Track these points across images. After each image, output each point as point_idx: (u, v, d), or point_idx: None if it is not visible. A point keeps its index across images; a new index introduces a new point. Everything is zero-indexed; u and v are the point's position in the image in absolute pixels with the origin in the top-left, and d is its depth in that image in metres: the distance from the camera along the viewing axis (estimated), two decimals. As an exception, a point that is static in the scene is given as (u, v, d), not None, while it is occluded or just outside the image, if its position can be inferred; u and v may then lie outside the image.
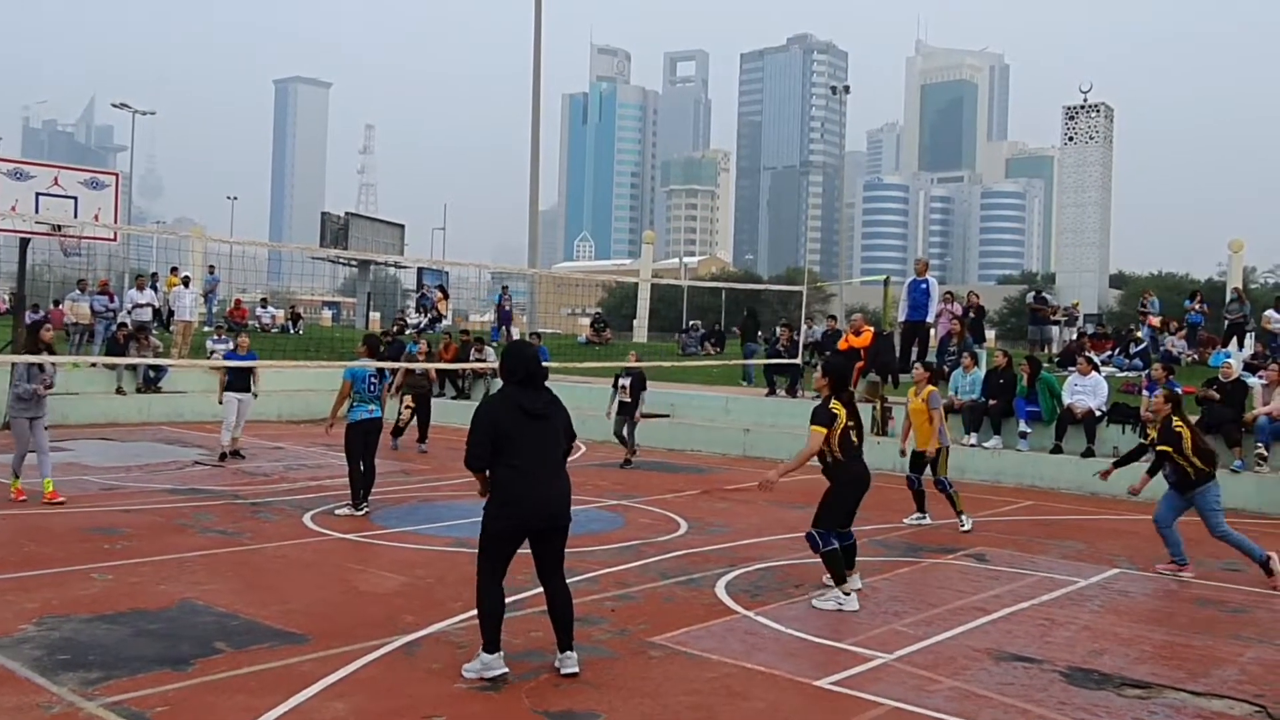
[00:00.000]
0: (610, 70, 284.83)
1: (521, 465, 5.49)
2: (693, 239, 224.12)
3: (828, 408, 7.47)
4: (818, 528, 7.41)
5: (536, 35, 30.23)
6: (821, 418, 7.41)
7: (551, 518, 5.59)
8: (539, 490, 5.52)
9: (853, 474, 7.52)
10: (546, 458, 5.60)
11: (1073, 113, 37.01)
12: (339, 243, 43.99)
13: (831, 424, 7.39)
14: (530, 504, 5.50)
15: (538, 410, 5.60)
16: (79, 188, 16.10)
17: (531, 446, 5.53)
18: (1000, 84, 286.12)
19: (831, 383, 7.59)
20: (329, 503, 11.04)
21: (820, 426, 7.38)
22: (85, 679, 5.32)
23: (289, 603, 7.01)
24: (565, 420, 5.79)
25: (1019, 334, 40.12)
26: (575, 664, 5.63)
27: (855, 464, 7.53)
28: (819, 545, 7.36)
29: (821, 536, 7.36)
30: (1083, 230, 36.80)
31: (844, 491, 7.50)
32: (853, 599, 7.33)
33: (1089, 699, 5.63)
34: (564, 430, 5.78)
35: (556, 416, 5.72)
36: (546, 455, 5.60)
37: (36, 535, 8.99)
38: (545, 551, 5.66)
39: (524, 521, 5.52)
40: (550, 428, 5.65)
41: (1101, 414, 14.19)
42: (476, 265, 27.58)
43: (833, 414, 7.42)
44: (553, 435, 5.67)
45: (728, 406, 18.73)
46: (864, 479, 7.59)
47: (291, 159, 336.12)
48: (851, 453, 7.49)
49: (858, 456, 7.56)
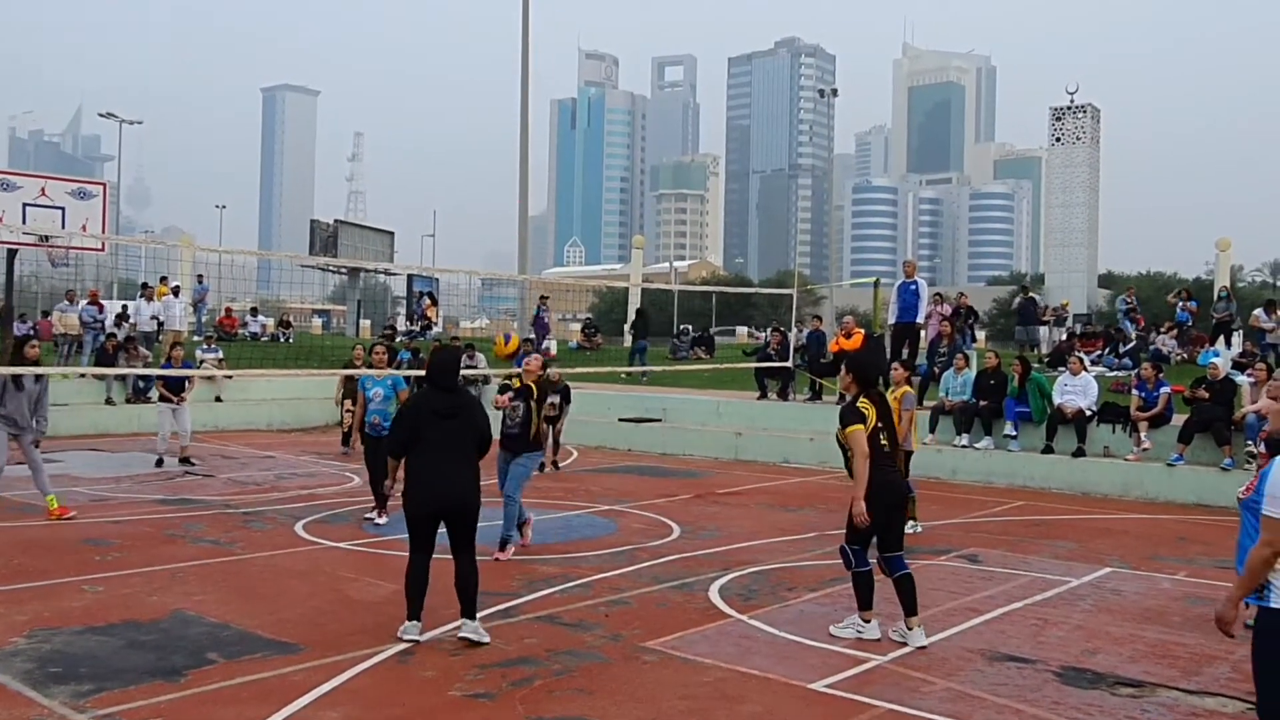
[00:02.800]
0: (598, 75, 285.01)
1: (429, 458, 6.30)
2: (683, 243, 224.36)
3: (856, 405, 6.68)
4: (850, 544, 6.67)
5: (524, 41, 30.22)
6: (853, 416, 6.61)
7: (450, 503, 6.32)
8: (443, 480, 6.29)
9: (877, 482, 6.54)
10: (452, 452, 6.34)
11: (1059, 114, 37.10)
12: (328, 250, 43.95)
13: (865, 422, 6.58)
14: (436, 491, 6.29)
15: (448, 411, 6.41)
16: (66, 198, 16.09)
17: (440, 442, 6.33)
18: (987, 86, 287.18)
19: (857, 378, 6.81)
20: (321, 511, 11.01)
21: (857, 424, 6.56)
22: (77, 691, 5.30)
23: (281, 612, 6.99)
24: (478, 419, 6.54)
25: (1009, 335, 40.29)
26: (473, 631, 6.25)
27: (881, 471, 6.59)
28: (850, 562, 6.68)
29: (855, 554, 6.63)
30: (1071, 231, 36.89)
31: (870, 503, 6.54)
32: (874, 626, 6.67)
33: (1082, 698, 5.65)
34: (474, 428, 6.48)
35: (467, 416, 6.48)
36: (452, 449, 6.35)
37: (27, 547, 8.95)
38: (454, 531, 6.38)
39: (431, 506, 6.32)
40: (459, 426, 6.41)
41: (1092, 414, 14.24)
42: (467, 272, 27.48)
43: (862, 412, 6.60)
44: (461, 432, 6.41)
45: (719, 410, 18.74)
46: (892, 488, 6.67)
47: (280, 167, 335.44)
48: (879, 457, 6.60)
49: (887, 463, 6.69)
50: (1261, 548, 3.77)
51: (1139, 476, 13.47)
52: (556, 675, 5.78)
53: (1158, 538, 10.73)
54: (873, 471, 6.51)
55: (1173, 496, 13.06)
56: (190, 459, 14.57)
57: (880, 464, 6.58)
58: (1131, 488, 13.44)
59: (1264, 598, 3.82)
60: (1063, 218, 37.10)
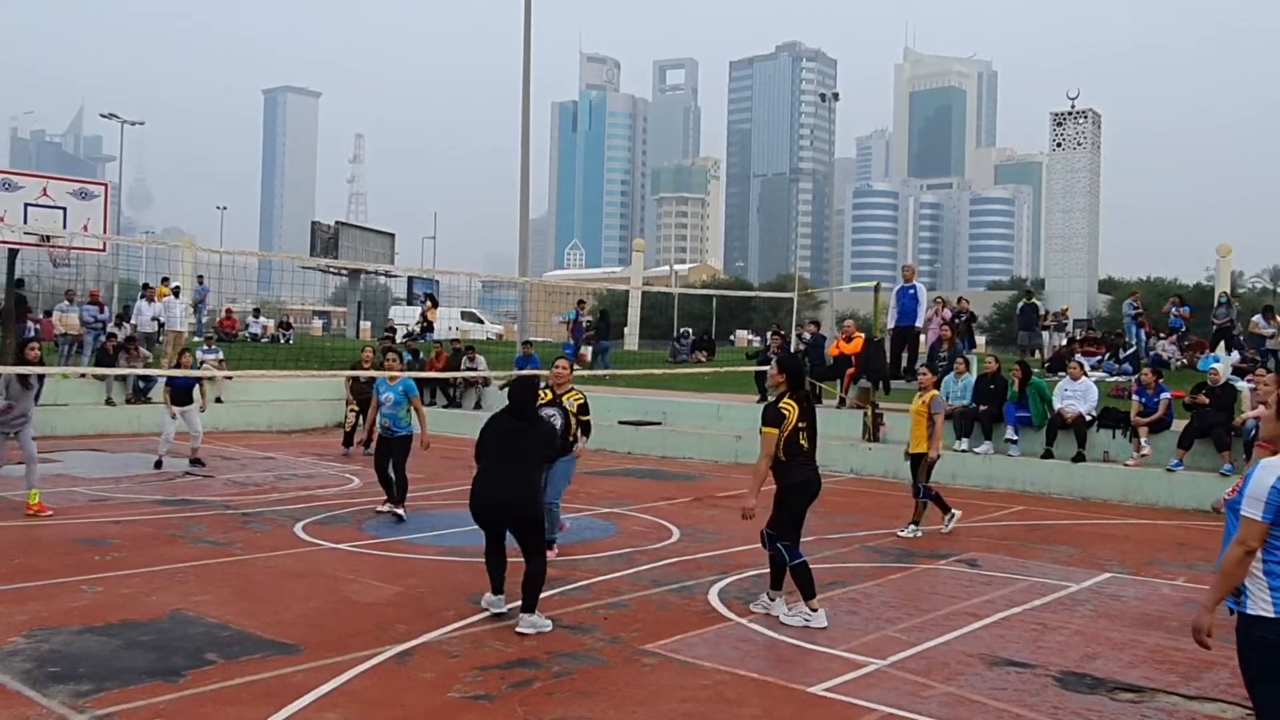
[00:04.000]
0: (600, 78, 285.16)
1: (489, 468, 6.95)
2: (683, 246, 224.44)
3: (778, 406, 7.07)
4: (778, 537, 7.05)
5: (526, 44, 30.22)
6: (771, 418, 7.01)
7: (500, 506, 6.84)
8: (494, 487, 6.85)
9: (795, 480, 7.05)
10: (510, 464, 6.90)
11: (1060, 119, 37.07)
12: (329, 252, 43.96)
13: (781, 424, 6.97)
14: (481, 497, 6.89)
15: (512, 432, 7.09)
16: (68, 198, 16.07)
17: (501, 455, 6.96)
18: (988, 91, 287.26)
19: (789, 379, 7.17)
20: (320, 513, 11.01)
21: (770, 427, 6.98)
22: (76, 691, 5.30)
23: (281, 613, 6.98)
24: (544, 434, 7.37)
25: (1009, 339, 40.20)
26: (528, 625, 6.62)
27: (800, 469, 7.05)
28: (785, 557, 7.03)
29: (788, 549, 7.02)
30: (1072, 236, 36.85)
31: (786, 498, 7.08)
32: (820, 615, 6.97)
33: (1082, 703, 5.64)
34: (538, 442, 7.18)
35: (533, 433, 7.16)
36: (511, 463, 6.91)
37: (27, 547, 8.95)
38: (517, 536, 6.88)
39: (479, 507, 6.92)
40: (521, 441, 7.03)
41: (1092, 419, 14.24)
42: (467, 274, 27.45)
43: (782, 413, 7.00)
44: (523, 447, 7.01)
45: (719, 414, 18.74)
46: (808, 485, 7.11)
47: (281, 168, 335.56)
48: (797, 456, 7.02)
49: (806, 461, 7.10)
50: (1235, 546, 3.75)
51: (1139, 482, 13.46)
52: (556, 677, 5.78)
53: (1157, 543, 10.73)
54: (794, 469, 7.07)
55: (1172, 502, 13.05)
56: (201, 460, 14.59)
57: (801, 462, 7.12)
58: (1131, 493, 13.44)
59: (1241, 603, 3.80)
60: (1063, 223, 37.07)
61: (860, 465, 15.69)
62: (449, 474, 13.87)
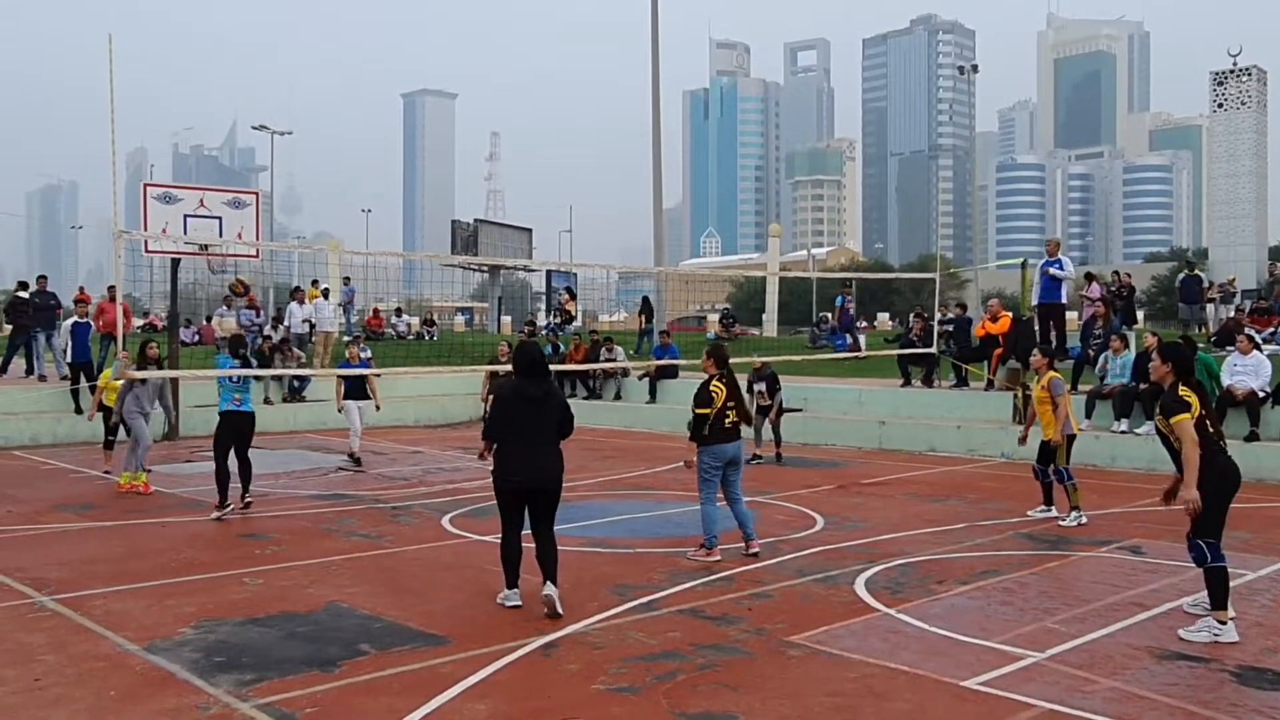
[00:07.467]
0: (730, 64, 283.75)
1: (518, 441, 6.77)
2: (820, 230, 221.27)
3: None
4: (1206, 538, 6.33)
5: (654, 33, 30.22)
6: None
7: (537, 481, 6.77)
8: (529, 460, 6.75)
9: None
10: (538, 434, 6.79)
11: (1221, 78, 34.89)
12: (469, 249, 44.95)
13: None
14: (522, 471, 6.75)
15: (535, 396, 6.85)
16: (223, 208, 16.83)
17: (527, 426, 6.79)
18: (1141, 53, 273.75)
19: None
20: (466, 505, 11.25)
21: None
22: (240, 680, 5.50)
23: (430, 604, 7.13)
24: (560, 405, 7.00)
25: (1170, 314, 38.22)
26: (553, 591, 6.66)
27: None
28: (1207, 558, 6.27)
29: (1210, 548, 6.28)
30: (1237, 201, 34.67)
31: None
32: (1230, 629, 6.22)
33: (1263, 700, 5.26)
34: (558, 413, 6.93)
35: (552, 403, 6.93)
36: (538, 433, 6.80)
37: (193, 541, 9.40)
38: (536, 507, 6.85)
39: (517, 484, 6.77)
40: (545, 410, 6.85)
41: (1265, 395, 13.35)
42: (604, 266, 27.71)
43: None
44: (546, 416, 6.85)
45: (861, 399, 18.37)
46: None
47: (421, 169, 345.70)
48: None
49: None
50: None
51: (1320, 461, 12.56)
52: (701, 670, 5.71)
53: (1343, 527, 9.98)
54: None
55: (1359, 482, 12.14)
56: (358, 458, 14.57)
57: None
58: (1312, 473, 12.55)
59: None
60: (1227, 187, 34.95)
61: (1011, 449, 15.12)
62: (590, 466, 13.97)
